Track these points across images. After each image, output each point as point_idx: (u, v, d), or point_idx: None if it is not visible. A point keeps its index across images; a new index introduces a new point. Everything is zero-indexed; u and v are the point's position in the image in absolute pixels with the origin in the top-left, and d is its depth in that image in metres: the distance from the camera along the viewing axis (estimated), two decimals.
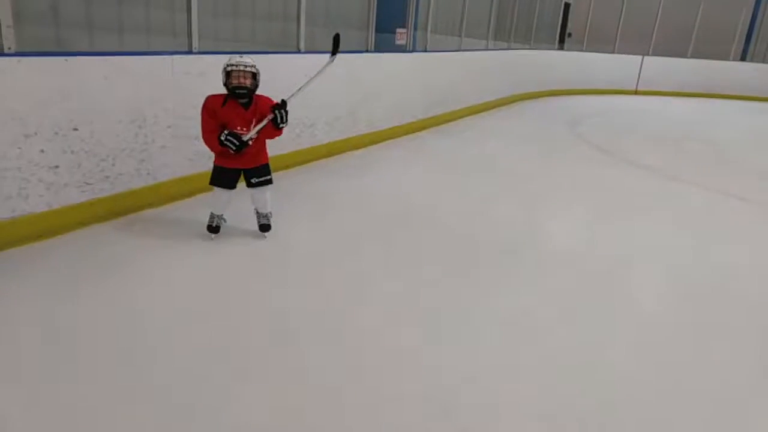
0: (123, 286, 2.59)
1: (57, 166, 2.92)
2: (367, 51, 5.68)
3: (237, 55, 2.89)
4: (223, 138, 2.86)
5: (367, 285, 2.82)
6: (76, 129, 2.97)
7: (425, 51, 6.88)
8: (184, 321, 2.36)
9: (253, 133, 2.94)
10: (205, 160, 3.78)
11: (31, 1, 3.24)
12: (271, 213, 3.25)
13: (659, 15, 12.91)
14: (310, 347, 2.24)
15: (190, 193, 3.68)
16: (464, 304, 2.69)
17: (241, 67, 2.84)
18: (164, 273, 2.75)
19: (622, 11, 12.61)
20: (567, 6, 12.56)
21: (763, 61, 14.00)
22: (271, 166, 3.16)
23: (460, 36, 7.88)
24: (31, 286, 2.51)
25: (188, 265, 2.86)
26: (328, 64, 3.14)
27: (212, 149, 2.97)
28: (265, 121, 2.93)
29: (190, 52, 3.65)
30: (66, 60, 2.90)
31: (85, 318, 2.31)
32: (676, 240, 3.83)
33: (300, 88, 3.03)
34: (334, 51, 3.16)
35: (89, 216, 3.14)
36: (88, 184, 3.10)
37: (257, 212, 3.25)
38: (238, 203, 3.24)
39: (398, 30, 6.59)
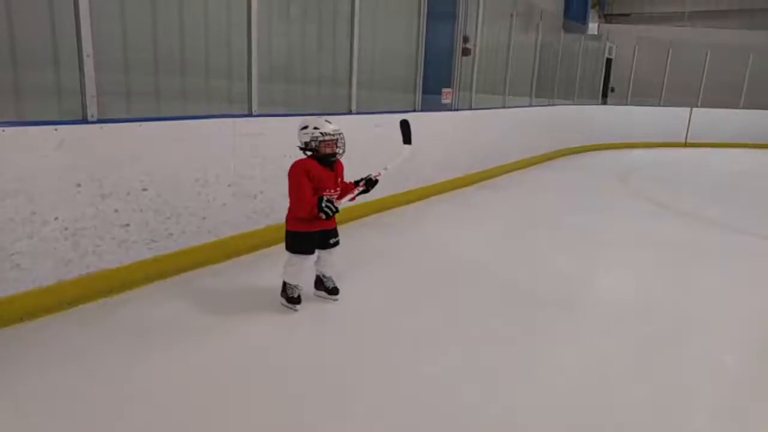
0: (192, 344, 2.64)
1: (128, 225, 3.08)
2: (414, 110, 5.84)
3: (321, 119, 2.86)
4: (323, 205, 2.80)
5: (430, 341, 2.80)
6: (145, 189, 3.14)
7: (470, 109, 7.02)
8: (257, 381, 2.38)
9: (345, 202, 2.98)
10: (261, 217, 3.93)
11: (106, 73, 3.53)
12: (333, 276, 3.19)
13: (706, 67, 12.75)
14: (371, 402, 2.23)
15: (249, 250, 3.78)
16: (526, 359, 2.63)
17: (337, 137, 2.85)
18: (227, 332, 2.79)
19: (667, 64, 12.53)
20: (609, 61, 12.65)
21: None
22: None
23: (503, 94, 8.02)
24: (104, 342, 2.59)
25: (254, 325, 2.87)
26: (408, 153, 3.14)
27: (306, 214, 2.86)
28: (356, 192, 3.00)
29: (250, 115, 3.85)
30: (140, 125, 3.11)
31: (156, 375, 2.36)
32: (747, 294, 3.66)
33: (386, 168, 3.10)
34: (407, 137, 3.12)
35: (154, 272, 3.27)
36: (154, 241, 3.24)
37: (324, 276, 3.17)
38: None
39: (444, 90, 6.78)
